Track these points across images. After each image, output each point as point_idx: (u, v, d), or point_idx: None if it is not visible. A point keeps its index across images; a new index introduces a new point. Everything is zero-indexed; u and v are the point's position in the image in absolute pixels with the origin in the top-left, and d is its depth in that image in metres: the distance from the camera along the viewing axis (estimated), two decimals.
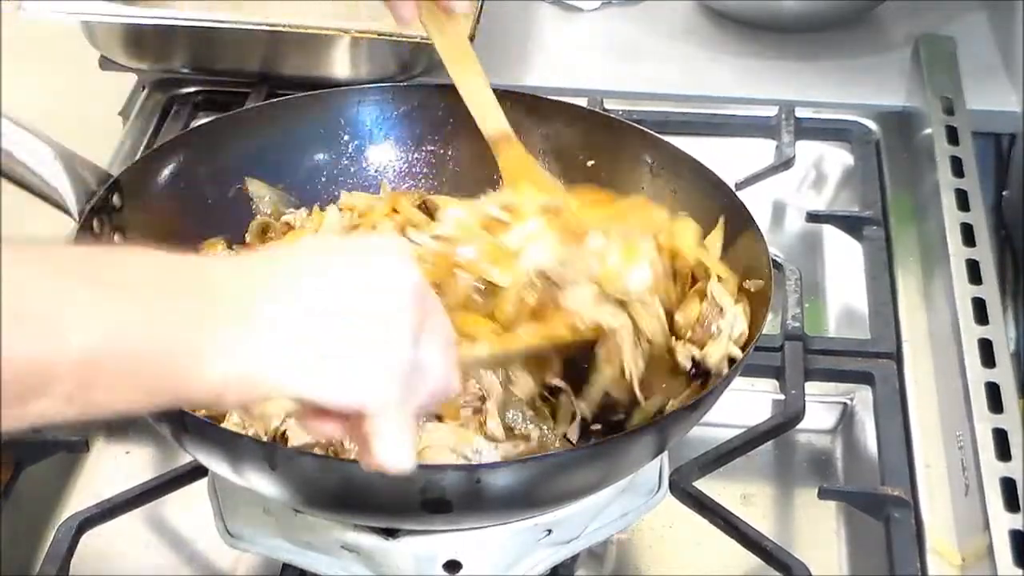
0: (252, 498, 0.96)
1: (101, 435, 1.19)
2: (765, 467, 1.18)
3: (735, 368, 0.95)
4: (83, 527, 1.02)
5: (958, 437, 1.07)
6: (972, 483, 1.01)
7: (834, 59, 1.60)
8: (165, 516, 1.11)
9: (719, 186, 1.10)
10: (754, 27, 1.65)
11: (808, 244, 1.43)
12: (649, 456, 0.94)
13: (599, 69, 1.59)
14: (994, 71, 1.57)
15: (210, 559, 1.08)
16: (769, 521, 1.12)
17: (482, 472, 0.86)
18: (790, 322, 1.19)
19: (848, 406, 1.21)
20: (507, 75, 1.54)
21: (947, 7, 1.68)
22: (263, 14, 1.44)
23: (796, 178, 1.47)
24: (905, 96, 1.51)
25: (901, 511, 1.04)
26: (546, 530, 0.95)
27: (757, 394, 1.21)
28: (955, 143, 1.35)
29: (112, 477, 1.13)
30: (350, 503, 0.90)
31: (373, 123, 1.21)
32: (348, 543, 0.94)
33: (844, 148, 1.48)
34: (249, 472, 0.88)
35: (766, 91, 1.54)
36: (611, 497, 0.98)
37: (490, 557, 0.94)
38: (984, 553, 0.96)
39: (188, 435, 0.89)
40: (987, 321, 1.14)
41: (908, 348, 1.21)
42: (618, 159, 1.18)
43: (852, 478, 1.16)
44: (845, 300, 1.35)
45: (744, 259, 1.05)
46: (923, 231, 1.33)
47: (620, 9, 1.70)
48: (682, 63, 1.60)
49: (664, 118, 1.47)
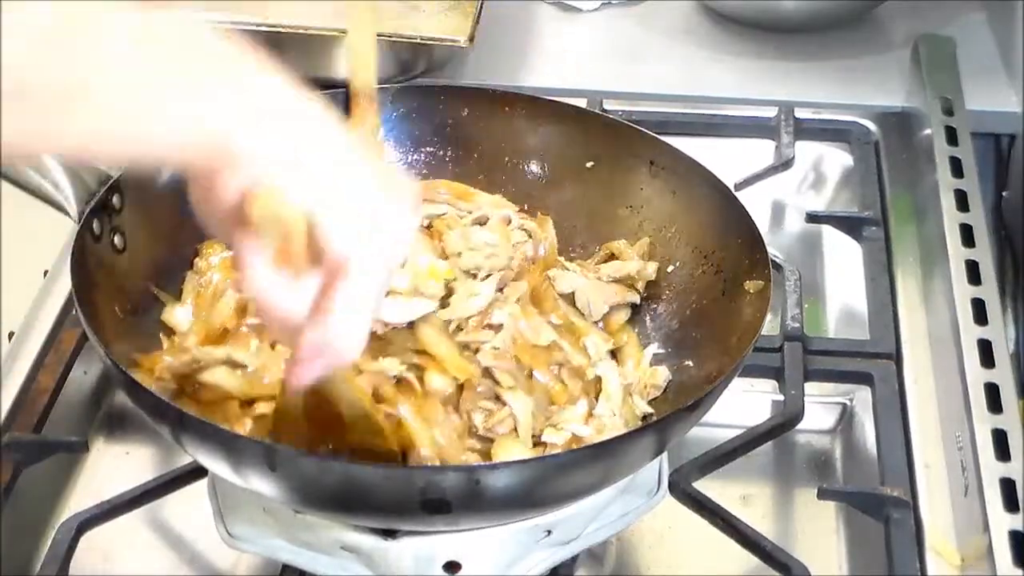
0: (252, 498, 0.96)
1: (101, 435, 1.20)
2: (765, 467, 1.18)
3: (734, 368, 0.95)
4: (83, 527, 1.02)
5: (957, 437, 1.07)
6: (972, 483, 1.01)
7: (834, 59, 1.60)
8: (165, 516, 1.11)
9: (719, 186, 1.10)
10: (754, 27, 1.65)
11: (808, 244, 1.43)
12: (649, 456, 0.94)
13: (599, 69, 1.59)
14: (994, 71, 1.57)
15: (210, 559, 1.08)
16: (769, 521, 1.12)
17: (482, 473, 0.86)
18: (790, 323, 1.19)
19: (847, 406, 1.21)
20: (507, 75, 1.55)
21: (947, 7, 1.68)
22: (263, 14, 1.44)
23: (795, 179, 1.47)
24: (905, 96, 1.51)
25: (901, 511, 1.04)
26: (546, 531, 0.95)
27: (757, 394, 1.21)
28: (955, 143, 1.35)
29: (112, 477, 1.13)
30: (350, 503, 0.90)
31: None
32: (348, 543, 0.94)
33: (844, 148, 1.48)
34: (249, 472, 0.88)
35: (766, 91, 1.54)
36: (611, 497, 0.99)
37: (490, 557, 0.94)
38: (984, 553, 0.96)
39: (188, 435, 0.89)
40: (986, 321, 1.14)
41: (907, 349, 1.21)
42: (618, 160, 1.18)
43: (852, 478, 1.16)
44: (845, 300, 1.35)
45: (744, 259, 1.05)
46: (923, 231, 1.33)
47: (620, 9, 1.71)
48: (682, 63, 1.60)
49: (664, 118, 1.47)
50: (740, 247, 1.06)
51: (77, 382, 1.19)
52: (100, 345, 0.92)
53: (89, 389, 1.21)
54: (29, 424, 1.11)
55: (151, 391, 0.90)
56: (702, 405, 0.93)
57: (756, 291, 1.03)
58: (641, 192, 1.17)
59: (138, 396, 0.91)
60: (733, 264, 1.07)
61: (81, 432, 1.17)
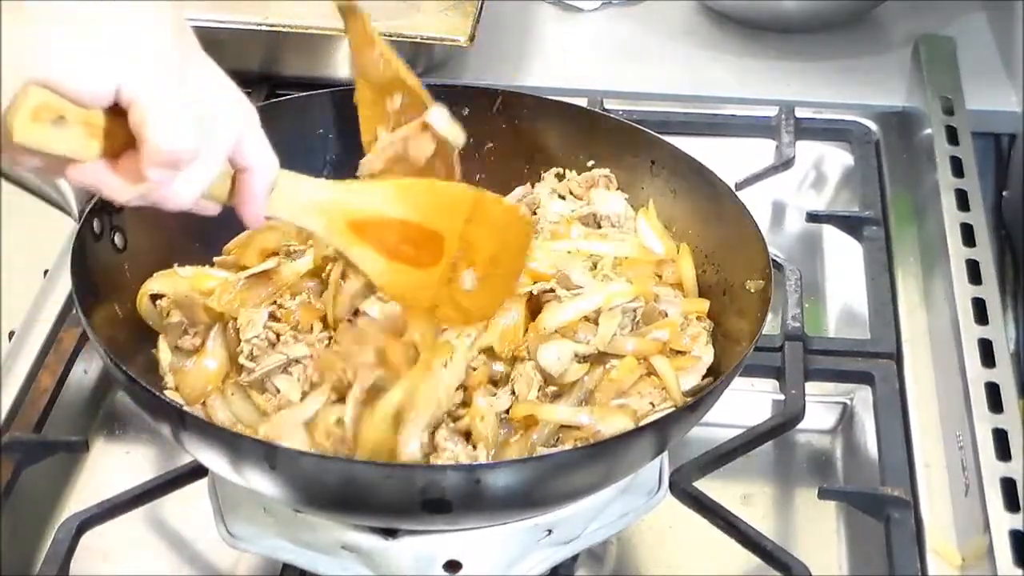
0: (252, 498, 0.96)
1: (101, 435, 1.19)
2: (765, 467, 1.18)
3: (735, 368, 0.95)
4: (83, 527, 1.02)
5: (958, 437, 1.07)
6: (972, 483, 1.01)
7: (834, 59, 1.60)
8: (165, 516, 1.11)
9: (719, 186, 1.10)
10: (754, 27, 1.65)
11: (808, 244, 1.43)
12: (649, 456, 0.94)
13: (599, 69, 1.59)
14: (994, 71, 1.57)
15: (210, 559, 1.08)
16: (769, 521, 1.12)
17: (482, 472, 0.86)
18: (790, 322, 1.19)
19: (848, 406, 1.21)
20: (507, 75, 1.55)
21: (947, 7, 1.68)
22: (263, 14, 1.44)
23: (796, 178, 1.47)
24: (905, 96, 1.51)
25: (901, 511, 1.04)
26: (546, 530, 0.95)
27: (757, 394, 1.21)
28: (955, 143, 1.35)
29: (112, 477, 1.13)
30: (350, 503, 0.90)
31: None
32: (348, 543, 0.94)
33: (844, 148, 1.48)
34: (249, 472, 0.88)
35: (766, 91, 1.54)
36: (611, 497, 0.99)
37: (490, 557, 0.94)
38: (984, 553, 0.96)
39: (188, 435, 0.89)
40: (987, 321, 1.14)
41: (908, 348, 1.21)
42: (618, 159, 1.18)
43: (852, 478, 1.16)
44: (845, 300, 1.35)
45: (744, 259, 1.05)
46: (923, 231, 1.33)
47: (620, 9, 1.71)
48: (682, 63, 1.60)
49: (664, 118, 1.47)
50: (741, 247, 1.06)
51: (77, 382, 1.19)
52: (100, 345, 0.92)
53: (89, 389, 1.21)
54: (29, 424, 1.11)
55: (151, 391, 0.90)
56: (702, 405, 0.93)
57: (756, 291, 1.03)
58: (642, 191, 1.17)
59: (138, 396, 0.91)
60: (734, 264, 1.07)
61: (81, 432, 1.17)
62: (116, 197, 0.76)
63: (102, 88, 0.71)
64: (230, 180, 0.83)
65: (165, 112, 0.72)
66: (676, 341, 1.03)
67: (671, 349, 1.03)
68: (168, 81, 0.73)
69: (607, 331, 1.02)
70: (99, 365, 1.21)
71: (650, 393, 1.00)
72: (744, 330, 1.02)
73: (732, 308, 1.06)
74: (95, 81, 0.71)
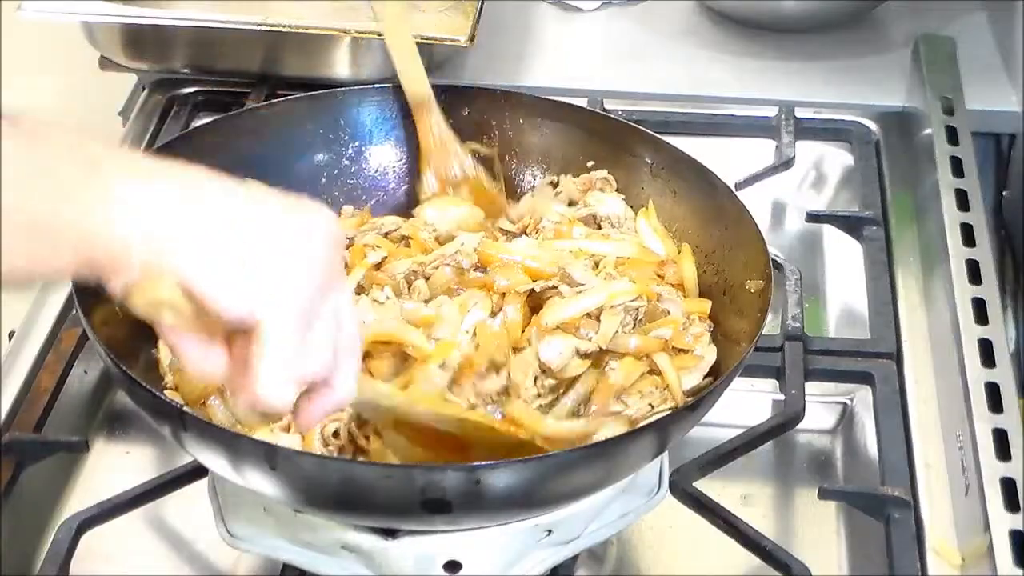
0: (252, 498, 0.96)
1: (101, 435, 1.19)
2: (765, 467, 1.18)
3: (735, 368, 0.95)
4: (83, 527, 1.02)
5: (958, 437, 1.07)
6: (972, 483, 1.01)
7: (834, 59, 1.60)
8: (165, 516, 1.11)
9: (719, 186, 1.10)
10: (754, 27, 1.65)
11: (808, 244, 1.43)
12: (649, 456, 0.94)
13: (599, 69, 1.59)
14: (994, 71, 1.57)
15: (210, 559, 1.08)
16: (769, 521, 1.12)
17: (482, 472, 0.86)
18: (790, 322, 1.19)
19: (848, 406, 1.21)
20: (507, 75, 1.55)
21: (947, 7, 1.68)
22: (263, 14, 1.44)
23: (796, 178, 1.47)
24: (905, 96, 1.51)
25: (901, 511, 1.04)
26: (546, 530, 0.95)
27: (757, 394, 1.21)
28: (955, 143, 1.35)
29: (112, 477, 1.13)
30: (350, 503, 0.90)
31: (374, 124, 1.22)
32: (348, 543, 0.94)
33: (844, 148, 1.48)
34: (249, 472, 0.88)
35: (766, 91, 1.54)
36: (611, 497, 0.98)
37: (490, 557, 0.94)
38: (984, 553, 0.96)
39: (188, 435, 0.89)
40: (987, 321, 1.14)
41: (908, 348, 1.21)
42: (618, 159, 1.18)
43: (852, 478, 1.16)
44: (845, 300, 1.35)
45: (744, 259, 1.05)
46: (923, 231, 1.33)
47: (620, 9, 1.71)
48: (682, 63, 1.60)
49: (664, 118, 1.47)
50: (741, 247, 1.06)
51: (77, 382, 1.19)
52: (100, 345, 0.92)
53: (89, 389, 1.21)
54: (29, 424, 1.11)
55: (151, 390, 0.90)
56: (702, 405, 0.93)
57: (757, 291, 1.03)
58: (642, 192, 1.17)
59: (138, 396, 0.91)
60: (733, 264, 1.07)
61: (81, 432, 1.17)
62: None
63: (237, 313, 0.71)
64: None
65: (275, 370, 0.73)
66: (679, 339, 1.03)
67: (673, 348, 1.03)
68: (293, 329, 0.73)
69: (609, 328, 1.02)
70: (99, 365, 1.21)
71: (650, 393, 1.00)
72: (744, 330, 1.02)
73: (732, 308, 1.06)
74: (236, 305, 0.71)
